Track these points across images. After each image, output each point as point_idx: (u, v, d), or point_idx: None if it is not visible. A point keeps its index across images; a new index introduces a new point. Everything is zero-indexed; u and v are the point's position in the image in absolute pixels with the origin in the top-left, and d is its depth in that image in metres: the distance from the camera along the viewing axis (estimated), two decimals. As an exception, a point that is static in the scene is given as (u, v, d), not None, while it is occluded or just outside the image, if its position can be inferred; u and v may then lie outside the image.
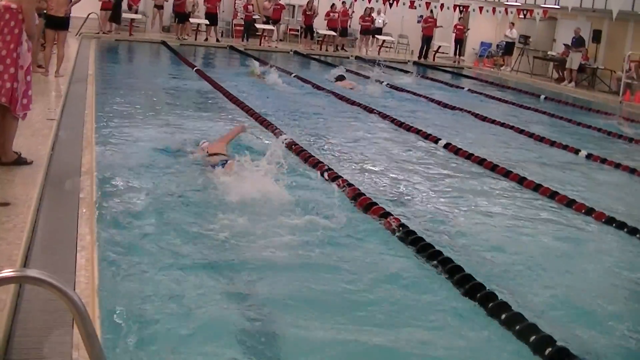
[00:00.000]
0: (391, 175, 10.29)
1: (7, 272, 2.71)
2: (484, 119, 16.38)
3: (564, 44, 28.30)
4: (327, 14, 32.36)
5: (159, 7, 30.30)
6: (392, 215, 7.70)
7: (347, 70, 22.79)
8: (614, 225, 8.58)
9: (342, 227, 7.37)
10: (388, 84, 21.58)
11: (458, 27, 32.85)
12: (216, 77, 18.47)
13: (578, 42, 27.02)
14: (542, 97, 22.54)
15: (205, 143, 9.85)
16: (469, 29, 33.18)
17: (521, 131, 14.99)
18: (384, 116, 15.01)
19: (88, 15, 26.43)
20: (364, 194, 8.45)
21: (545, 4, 29.48)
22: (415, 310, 5.66)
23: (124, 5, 29.19)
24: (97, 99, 13.14)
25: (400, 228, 7.40)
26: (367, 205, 8.07)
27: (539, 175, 11.00)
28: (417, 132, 13.51)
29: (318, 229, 7.18)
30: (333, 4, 32.30)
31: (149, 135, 10.89)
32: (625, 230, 8.43)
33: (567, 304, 6.19)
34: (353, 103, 16.72)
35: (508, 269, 6.87)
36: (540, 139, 14.27)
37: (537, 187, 10.00)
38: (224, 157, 9.07)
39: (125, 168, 8.82)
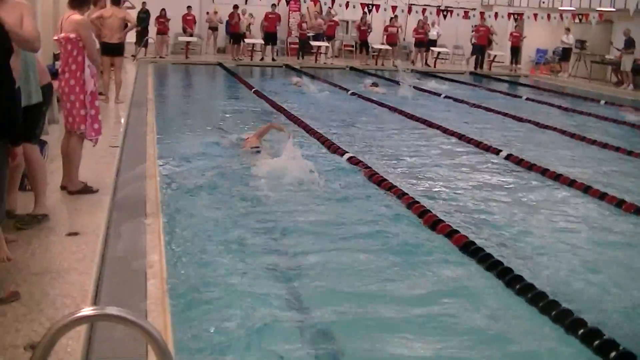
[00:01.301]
0: (456, 188, 10.21)
1: (88, 311, 2.75)
2: (544, 127, 16.17)
3: (615, 48, 27.93)
4: (386, 29, 32.27)
5: (214, 29, 30.74)
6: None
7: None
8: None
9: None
10: (445, 95, 21.60)
11: (514, 35, 32.50)
12: (275, 97, 18.51)
13: (628, 44, 26.62)
14: (602, 102, 22.11)
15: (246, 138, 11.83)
16: (524, 37, 32.73)
17: (583, 138, 14.74)
18: (444, 129, 14.91)
19: (145, 40, 26.86)
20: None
21: (600, 6, 29.04)
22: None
23: (179, 29, 29.79)
24: (158, 124, 13.30)
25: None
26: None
27: (603, 183, 10.81)
28: (477, 144, 13.39)
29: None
30: (392, 17, 32.18)
31: (212, 158, 10.94)
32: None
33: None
34: (410, 116, 16.68)
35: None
36: (604, 146, 14.02)
37: (602, 196, 9.81)
38: (257, 147, 11.17)
39: (189, 192, 8.89)
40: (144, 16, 26.56)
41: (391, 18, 32.14)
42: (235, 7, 29.78)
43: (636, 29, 27.12)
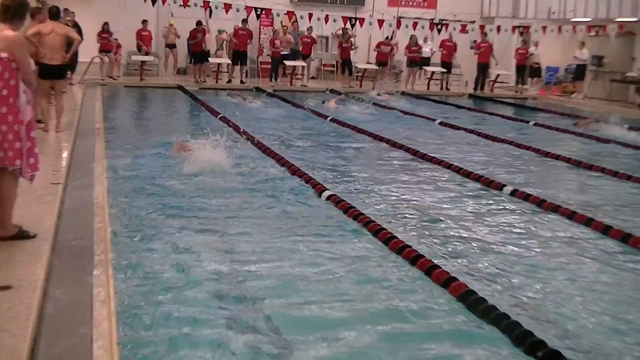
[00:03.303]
0: (455, 230, 10.17)
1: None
2: (556, 157, 16.24)
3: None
4: (378, 46, 32.38)
5: (171, 47, 30.73)
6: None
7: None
8: None
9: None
10: (441, 121, 21.69)
11: (519, 51, 32.50)
12: (244, 124, 18.38)
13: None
14: (626, 127, 22.10)
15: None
16: (532, 54, 32.74)
17: (602, 169, 14.77)
18: (438, 161, 14.90)
19: (92, 59, 26.80)
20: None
21: (620, 16, 29.09)
22: None
23: (133, 46, 29.79)
24: (108, 156, 13.22)
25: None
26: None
27: (627, 222, 10.81)
28: (478, 178, 13.39)
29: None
30: (391, 35, 32.24)
31: (170, 194, 10.91)
32: None
33: None
34: (399, 146, 16.68)
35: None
36: (628, 177, 14.05)
37: (625, 237, 9.80)
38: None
39: (144, 234, 8.80)
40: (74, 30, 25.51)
41: (390, 35, 32.17)
42: (199, 23, 29.86)
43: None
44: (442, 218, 10.73)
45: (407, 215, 10.78)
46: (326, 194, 11.27)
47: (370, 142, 17.75)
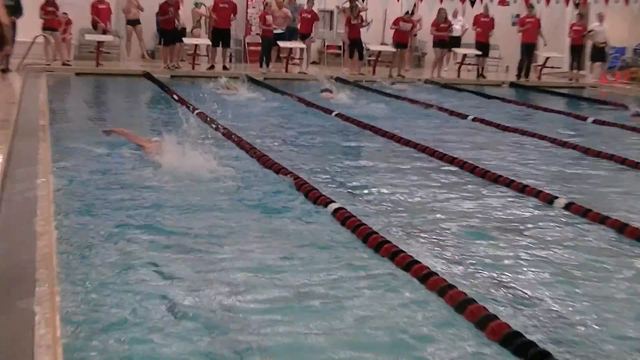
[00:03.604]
0: (488, 250, 10.14)
1: None
2: (622, 160, 16.20)
3: None
4: (396, 22, 32.23)
5: (134, 24, 30.58)
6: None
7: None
8: None
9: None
10: (475, 117, 21.67)
11: (575, 28, 32.27)
12: (230, 122, 18.33)
13: None
14: None
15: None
16: (591, 30, 32.44)
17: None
18: (472, 167, 14.85)
19: (34, 39, 26.68)
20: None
21: None
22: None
23: (87, 23, 29.68)
24: (54, 161, 13.18)
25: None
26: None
27: None
28: (522, 188, 13.33)
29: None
30: (408, 11, 32.09)
31: (136, 211, 10.85)
32: None
33: None
34: (422, 149, 16.64)
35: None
36: None
37: None
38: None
39: (102, 263, 8.71)
40: (11, 4, 24.21)
41: (411, 9, 32.07)
42: (171, -6, 29.59)
43: None
44: (476, 238, 10.69)
45: (433, 235, 10.74)
46: (332, 206, 11.25)
47: (385, 143, 17.76)
